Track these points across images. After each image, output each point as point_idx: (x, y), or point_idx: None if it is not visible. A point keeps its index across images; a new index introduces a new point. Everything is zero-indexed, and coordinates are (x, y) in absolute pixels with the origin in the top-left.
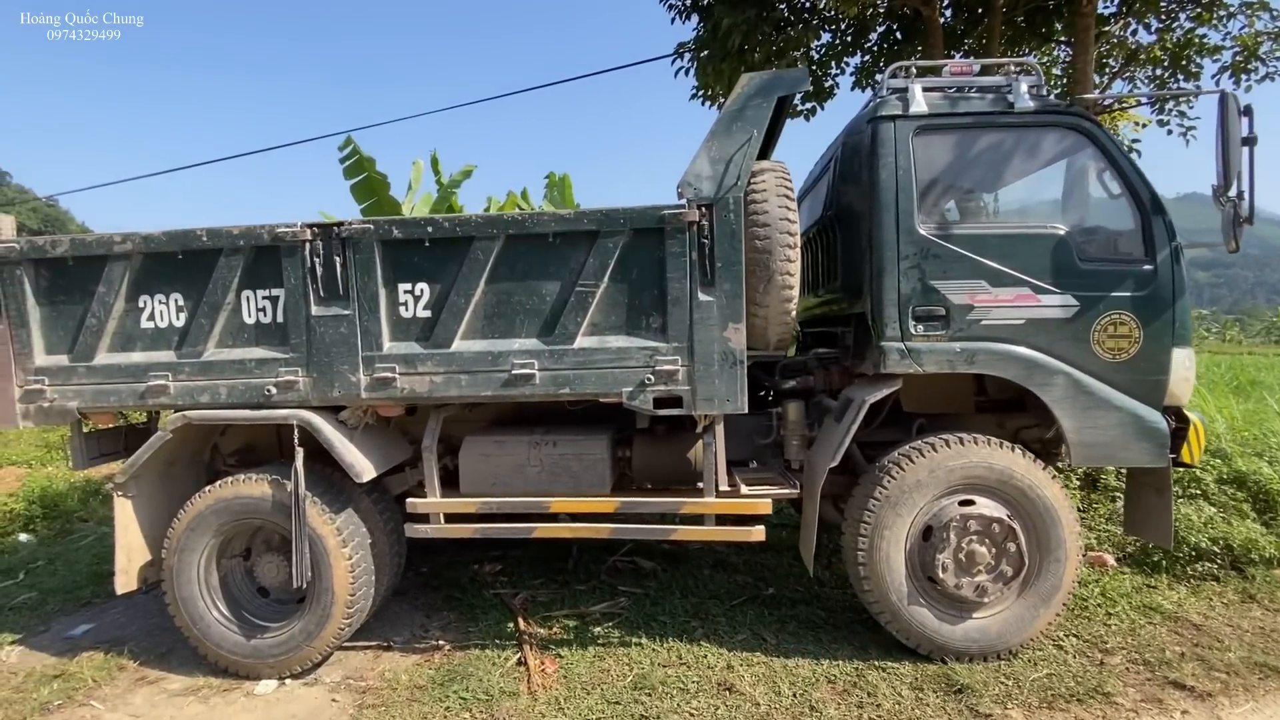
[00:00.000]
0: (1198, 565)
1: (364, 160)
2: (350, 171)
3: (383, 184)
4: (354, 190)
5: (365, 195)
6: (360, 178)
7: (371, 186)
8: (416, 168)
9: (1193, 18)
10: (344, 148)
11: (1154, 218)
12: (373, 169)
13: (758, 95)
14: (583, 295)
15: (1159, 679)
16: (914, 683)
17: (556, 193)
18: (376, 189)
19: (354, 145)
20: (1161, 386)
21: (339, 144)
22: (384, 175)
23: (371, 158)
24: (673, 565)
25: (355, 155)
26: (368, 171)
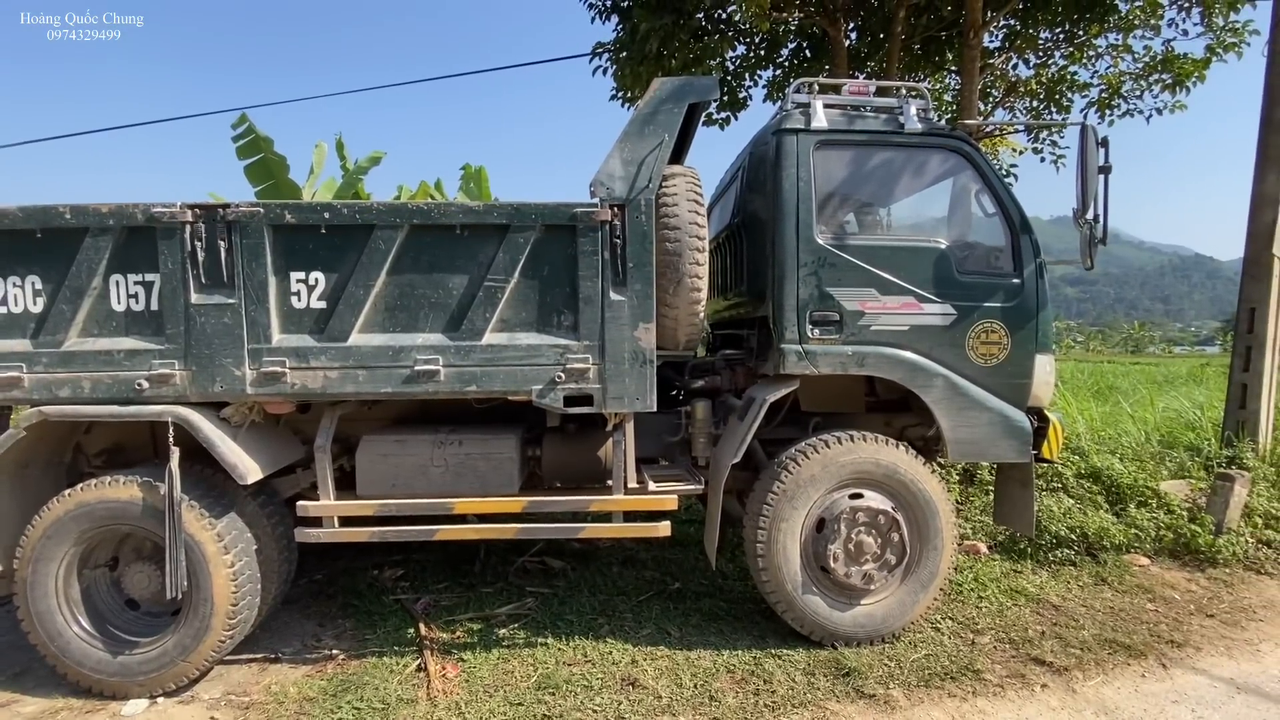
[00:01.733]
0: (1057, 552)
1: (260, 139)
2: (244, 151)
3: (281, 165)
4: (248, 172)
5: (261, 177)
6: (255, 158)
7: (268, 168)
8: (319, 151)
9: (1066, 56)
10: (238, 125)
11: (1022, 236)
12: (270, 149)
13: (669, 100)
14: (492, 290)
15: (1022, 656)
16: (806, 668)
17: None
18: (274, 171)
19: (249, 123)
20: (1026, 389)
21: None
22: (282, 157)
23: (269, 137)
24: (583, 564)
25: (250, 134)
26: (264, 152)
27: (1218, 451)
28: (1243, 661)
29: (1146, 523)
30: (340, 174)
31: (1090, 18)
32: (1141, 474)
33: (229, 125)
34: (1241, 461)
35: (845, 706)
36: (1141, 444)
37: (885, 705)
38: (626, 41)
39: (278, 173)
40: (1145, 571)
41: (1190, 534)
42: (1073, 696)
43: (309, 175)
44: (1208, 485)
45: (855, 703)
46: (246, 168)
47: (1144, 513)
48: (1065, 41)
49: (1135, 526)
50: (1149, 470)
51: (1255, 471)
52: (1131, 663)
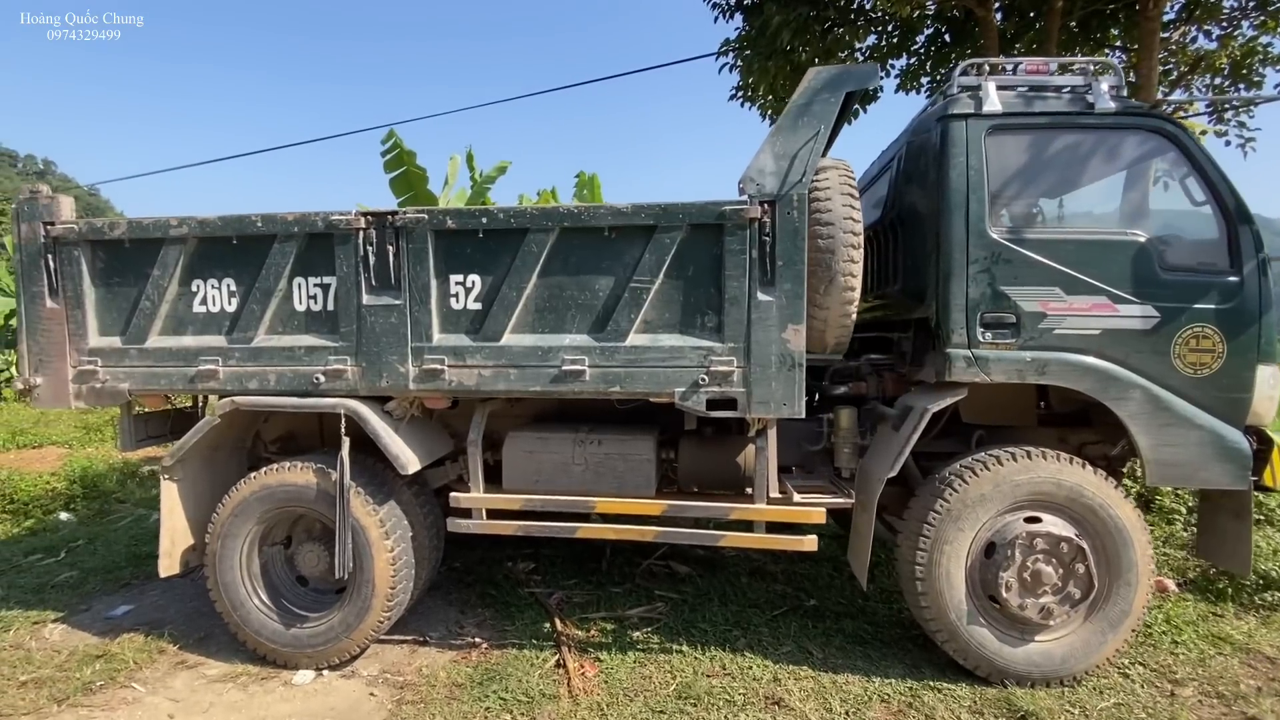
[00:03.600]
0: (1266, 595)
1: (405, 154)
2: (391, 165)
3: (421, 178)
4: (393, 184)
5: (403, 189)
6: (400, 171)
7: (410, 180)
8: (453, 163)
9: (1256, 25)
10: (386, 140)
11: (1240, 227)
12: (413, 163)
13: (825, 90)
14: (637, 292)
15: (1236, 714)
16: (973, 706)
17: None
18: (415, 183)
19: (396, 138)
20: (1244, 405)
21: (381, 137)
22: (423, 170)
23: (412, 151)
24: (709, 571)
25: (397, 149)
26: (408, 165)
27: None
28: None
29: None
30: (469, 184)
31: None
32: None
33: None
34: None
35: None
36: None
37: None
38: (755, 37)
39: (418, 185)
40: None
41: None
42: None
43: (444, 186)
44: None
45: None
46: (392, 180)
47: None
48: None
49: None
50: None
51: None
52: None
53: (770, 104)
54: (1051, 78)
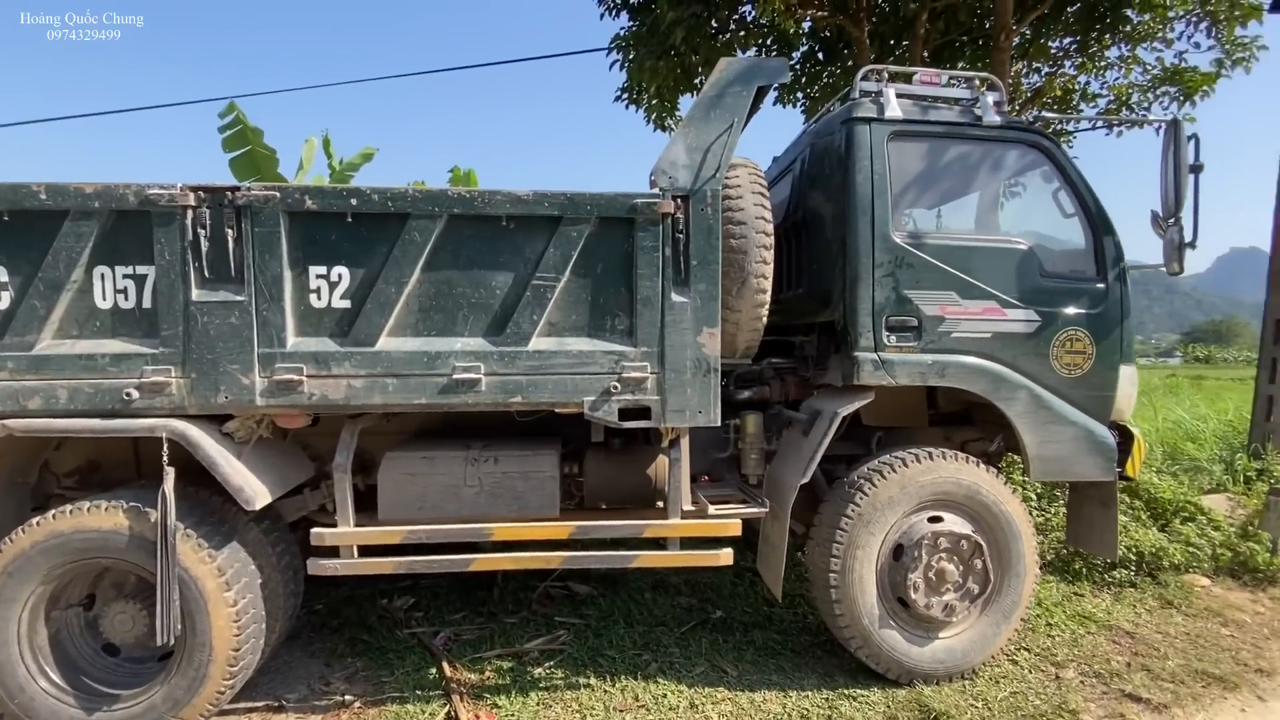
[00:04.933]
0: (1115, 573)
1: (249, 130)
2: (232, 143)
3: (269, 160)
4: (235, 165)
5: (248, 171)
6: (243, 151)
7: (255, 162)
8: (308, 146)
9: (1076, 66)
10: (226, 114)
11: (1105, 237)
12: (259, 142)
13: (737, 82)
14: (540, 290)
15: (1115, 692)
16: (887, 711)
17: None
18: (261, 165)
19: (238, 112)
20: (1110, 402)
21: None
22: (272, 151)
23: (258, 129)
24: (611, 590)
25: (239, 125)
26: (253, 144)
27: (1248, 464)
28: None
29: (1201, 540)
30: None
31: (1101, 28)
32: (1180, 489)
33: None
34: (1272, 474)
35: None
36: (1148, 456)
37: None
38: (644, 35)
39: (265, 167)
40: (1208, 592)
41: (1249, 552)
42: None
43: (298, 171)
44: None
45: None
46: (233, 160)
47: (1193, 529)
48: (1077, 51)
49: (1188, 544)
50: (1185, 484)
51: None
52: (1228, 696)
53: (656, 107)
54: (944, 89)
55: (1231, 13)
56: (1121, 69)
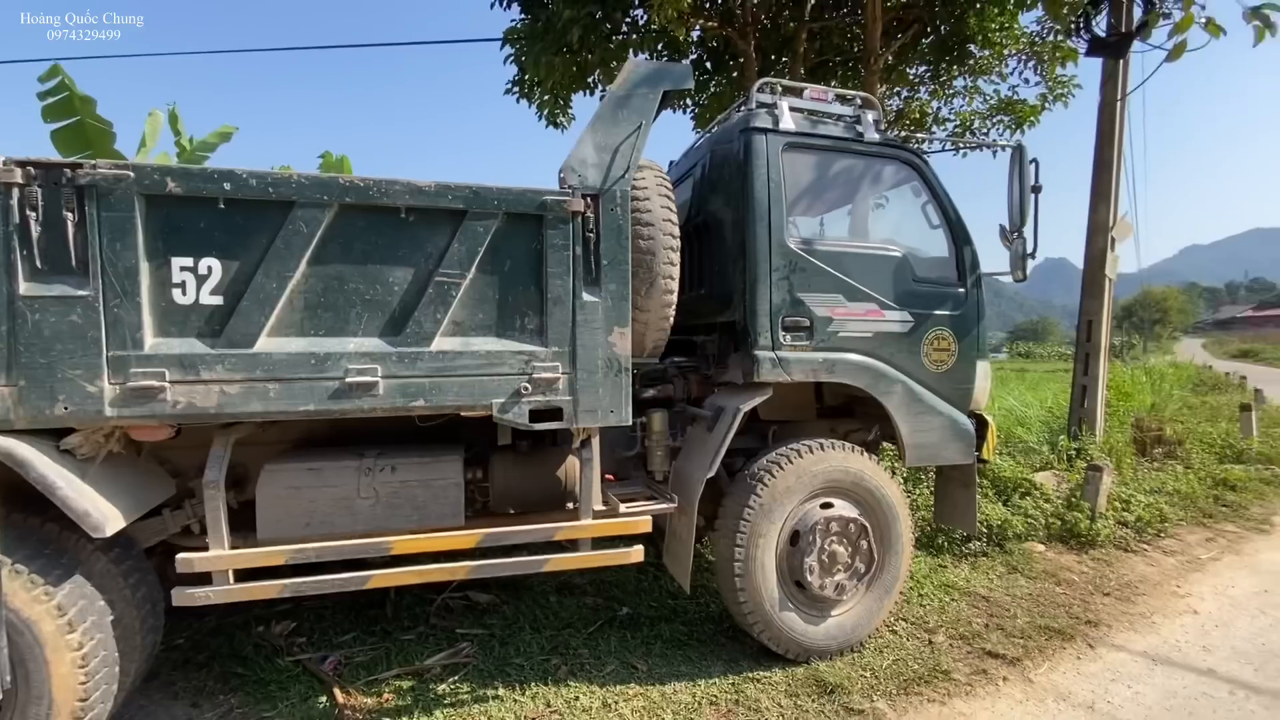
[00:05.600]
0: (970, 545)
1: (77, 98)
2: (55, 112)
3: (104, 134)
4: (57, 138)
5: (76, 146)
6: (69, 122)
7: (86, 135)
8: (152, 121)
9: (930, 93)
10: (47, 79)
11: (965, 248)
12: (91, 112)
13: (644, 84)
14: (444, 287)
15: (978, 651)
16: (789, 689)
17: None
18: (94, 139)
19: (64, 77)
20: (969, 394)
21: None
22: (108, 123)
23: (89, 97)
24: (513, 596)
25: (65, 91)
26: (83, 115)
27: (1068, 444)
28: (1146, 634)
29: (1036, 512)
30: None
31: (950, 60)
32: (1017, 468)
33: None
34: (1087, 452)
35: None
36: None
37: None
38: (540, 31)
39: (100, 142)
40: (1044, 557)
41: (1074, 520)
42: (1031, 686)
43: (139, 148)
44: (1069, 474)
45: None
46: (55, 133)
47: (1029, 502)
48: (931, 79)
49: (1025, 515)
50: (1021, 464)
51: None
52: (1066, 646)
53: (549, 103)
54: (830, 105)
55: (1054, 54)
56: (966, 98)
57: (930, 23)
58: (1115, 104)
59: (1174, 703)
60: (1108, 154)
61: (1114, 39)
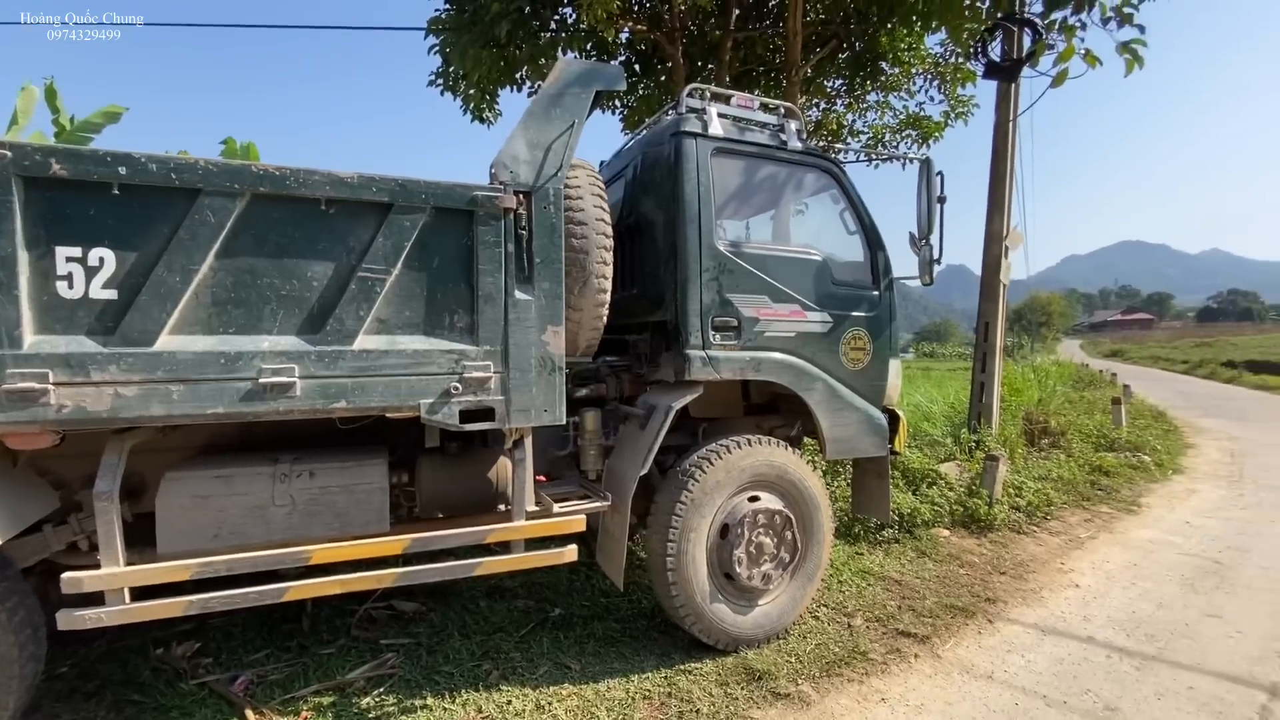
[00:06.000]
0: (883, 532)
1: None
2: None
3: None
4: None
5: None
6: None
7: None
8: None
9: (846, 106)
10: None
11: (879, 252)
12: None
13: (577, 84)
14: (368, 283)
15: (892, 632)
16: (719, 678)
17: None
18: None
19: None
20: (883, 390)
21: None
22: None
23: None
24: (441, 603)
25: None
26: None
27: (968, 437)
28: (1036, 608)
29: (941, 500)
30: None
31: (864, 76)
32: (924, 459)
33: None
34: (985, 443)
35: (767, 712)
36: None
37: (801, 702)
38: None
39: None
40: (949, 541)
41: (974, 507)
42: (939, 661)
43: (10, 125)
44: (970, 464)
45: (774, 705)
46: None
47: (935, 491)
48: (846, 93)
49: (932, 503)
50: (928, 455)
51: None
52: (969, 623)
53: (475, 97)
54: (755, 113)
55: (955, 75)
56: (878, 112)
57: (846, 39)
58: (1008, 124)
59: (1060, 668)
60: (1001, 169)
61: (1007, 64)
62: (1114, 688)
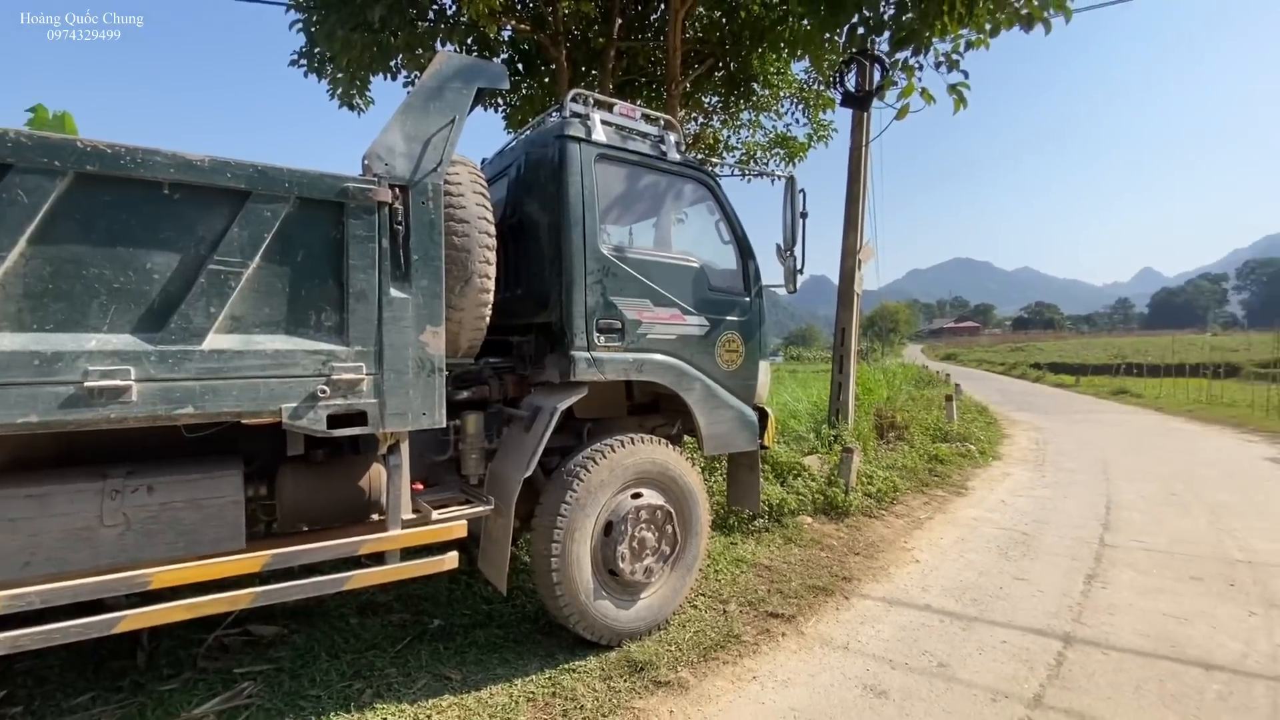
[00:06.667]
0: (755, 522)
1: None
2: None
3: None
4: None
5: None
6: None
7: None
8: None
9: (721, 122)
10: None
11: (749, 261)
12: None
13: (458, 79)
14: (220, 277)
15: (762, 614)
16: (603, 674)
17: None
18: None
19: None
20: (754, 389)
21: None
22: None
23: None
24: (305, 624)
25: None
26: None
27: (828, 432)
28: (884, 583)
29: (804, 490)
30: None
31: (738, 95)
32: (791, 453)
33: None
34: (843, 437)
35: (649, 701)
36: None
37: (680, 689)
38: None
39: None
40: (812, 528)
41: (832, 495)
42: (803, 638)
43: None
44: (829, 456)
45: (656, 694)
46: None
47: (800, 482)
48: (722, 109)
49: (798, 494)
50: (794, 449)
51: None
52: (828, 600)
53: (344, 81)
54: (637, 123)
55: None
56: (751, 129)
57: (722, 59)
58: (861, 149)
59: (903, 634)
60: (855, 190)
61: (860, 95)
62: (945, 647)
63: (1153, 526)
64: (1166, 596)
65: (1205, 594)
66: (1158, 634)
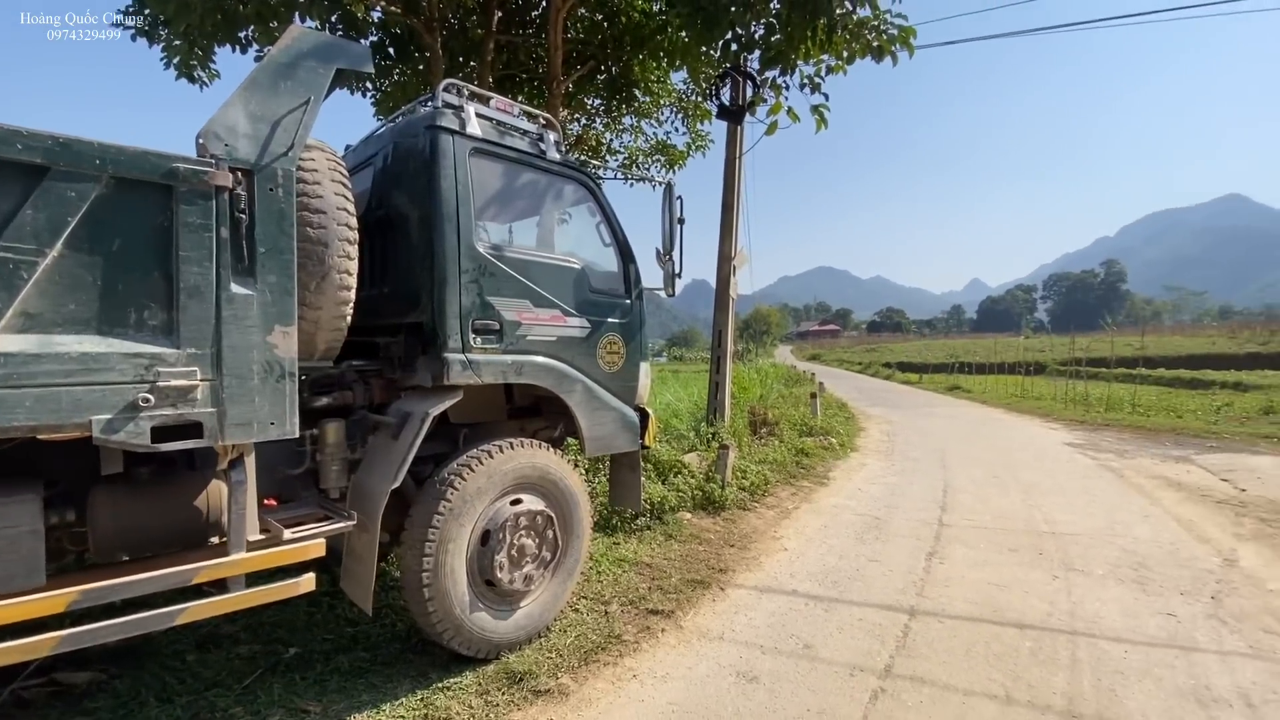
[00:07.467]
0: (638, 521)
1: None
2: None
3: None
4: None
5: None
6: None
7: None
8: None
9: (604, 125)
10: None
11: (630, 264)
12: None
13: (314, 57)
14: (8, 266)
15: (643, 612)
16: (479, 689)
17: None
18: None
19: None
20: (635, 391)
21: None
22: None
23: None
24: (130, 667)
25: None
26: None
27: (706, 430)
28: (756, 572)
29: (684, 487)
30: None
31: (620, 99)
32: (672, 452)
33: None
34: (720, 435)
35: (528, 712)
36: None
37: (560, 695)
38: None
39: None
40: (691, 523)
41: (710, 491)
42: (681, 632)
43: None
44: (707, 454)
45: (535, 703)
46: None
47: (680, 480)
48: (605, 113)
49: (678, 491)
50: (675, 448)
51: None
52: (705, 593)
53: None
54: (515, 119)
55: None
56: (633, 135)
57: (604, 62)
58: (735, 160)
59: (773, 620)
60: (730, 199)
61: (734, 109)
62: (810, 628)
63: (979, 506)
64: (990, 567)
65: (1020, 563)
66: (983, 601)
